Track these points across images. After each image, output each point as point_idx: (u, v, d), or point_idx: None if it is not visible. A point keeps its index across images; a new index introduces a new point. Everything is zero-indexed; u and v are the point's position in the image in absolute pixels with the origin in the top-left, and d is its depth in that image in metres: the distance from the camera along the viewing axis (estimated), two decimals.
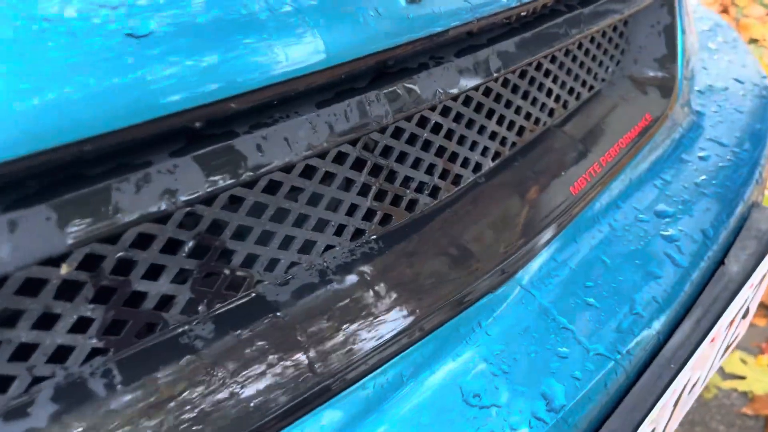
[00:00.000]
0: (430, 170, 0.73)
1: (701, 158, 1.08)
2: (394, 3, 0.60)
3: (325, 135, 0.54)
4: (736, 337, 1.06)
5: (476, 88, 0.76)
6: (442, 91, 0.65)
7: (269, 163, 0.52)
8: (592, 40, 0.99)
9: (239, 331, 0.54)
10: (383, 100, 0.59)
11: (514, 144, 0.85)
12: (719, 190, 1.01)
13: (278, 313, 0.57)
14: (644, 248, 0.85)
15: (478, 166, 0.79)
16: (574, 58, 0.95)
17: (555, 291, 0.75)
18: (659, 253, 0.85)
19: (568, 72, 0.94)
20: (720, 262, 0.92)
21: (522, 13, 0.75)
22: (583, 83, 0.99)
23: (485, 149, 0.80)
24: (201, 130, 0.48)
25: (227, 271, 0.55)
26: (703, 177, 1.03)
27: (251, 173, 0.50)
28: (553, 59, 0.90)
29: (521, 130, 0.86)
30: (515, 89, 0.84)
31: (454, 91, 0.67)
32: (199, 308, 0.53)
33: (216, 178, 0.49)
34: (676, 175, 1.02)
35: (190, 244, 0.51)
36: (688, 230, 0.90)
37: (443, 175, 0.75)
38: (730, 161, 1.09)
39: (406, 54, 0.62)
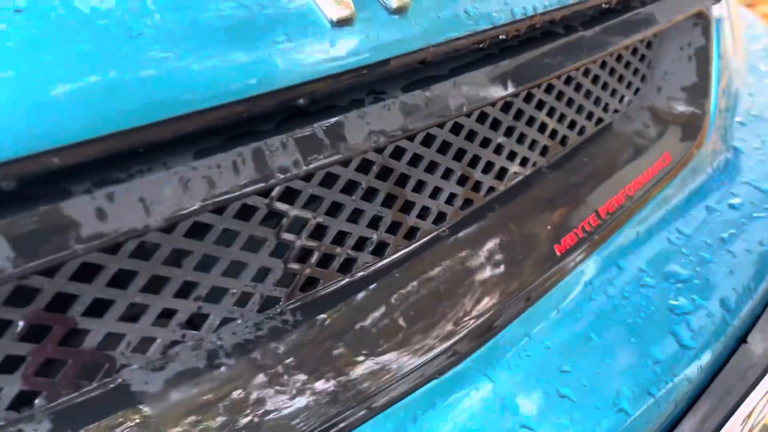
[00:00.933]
0: (374, 223, 0.61)
1: (732, 207, 0.92)
2: (317, 26, 0.48)
3: (200, 192, 0.43)
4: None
5: (440, 126, 0.63)
6: (380, 132, 0.53)
7: (121, 229, 0.40)
8: (603, 65, 0.84)
9: None
10: (291, 146, 0.47)
11: (492, 189, 0.71)
12: (750, 249, 0.85)
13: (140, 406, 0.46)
14: (644, 322, 0.70)
15: (441, 216, 0.67)
16: (578, 87, 0.81)
17: (521, 377, 0.61)
18: (663, 330, 0.70)
19: (570, 103, 0.80)
20: (741, 340, 0.76)
21: (500, 37, 0.62)
22: (589, 116, 0.84)
23: (451, 196, 0.67)
24: None
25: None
26: (732, 231, 0.87)
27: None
28: (549, 88, 0.76)
29: (502, 173, 0.72)
30: (495, 125, 0.70)
31: (397, 132, 0.54)
32: None
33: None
34: (698, 228, 0.86)
35: None
36: (704, 300, 0.75)
37: (393, 228, 0.62)
38: None
39: (331, 89, 0.50)
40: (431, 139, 0.64)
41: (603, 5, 0.75)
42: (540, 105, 0.76)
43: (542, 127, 0.77)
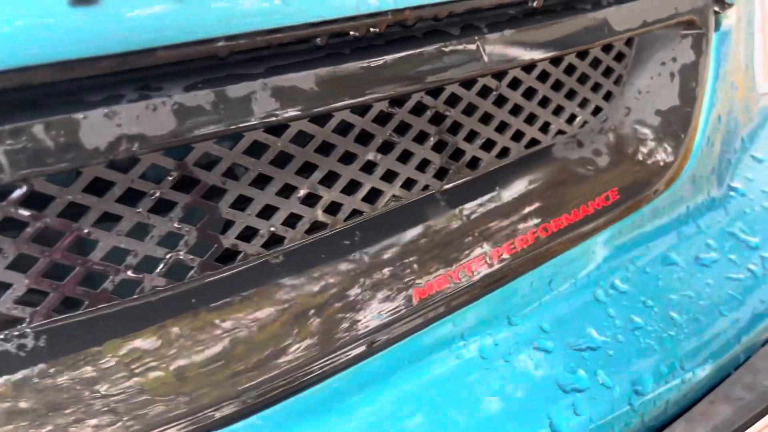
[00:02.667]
0: (174, 241, 0.52)
1: (701, 262, 0.75)
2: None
3: None
4: None
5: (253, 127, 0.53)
6: (145, 138, 0.44)
7: None
8: (543, 77, 0.70)
9: None
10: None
11: (358, 214, 0.60)
12: (704, 318, 0.69)
13: None
14: (517, 400, 0.57)
15: (277, 240, 0.57)
16: (501, 101, 0.68)
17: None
18: (537, 414, 0.57)
19: (485, 119, 0.67)
20: None
21: (342, 35, 0.50)
22: (517, 136, 0.70)
23: (293, 219, 0.57)
24: None
25: None
26: (688, 294, 0.71)
27: None
28: (452, 101, 0.64)
29: (373, 195, 0.61)
30: (366, 139, 0.59)
31: (171, 139, 0.45)
32: None
33: None
34: (642, 284, 0.70)
35: None
36: (611, 377, 0.60)
37: (204, 248, 0.53)
38: (753, 275, 0.75)
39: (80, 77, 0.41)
40: (263, 148, 0.54)
41: (529, 3, 0.61)
42: (439, 119, 0.64)
43: (440, 146, 0.65)
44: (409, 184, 0.64)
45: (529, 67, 0.69)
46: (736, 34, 0.86)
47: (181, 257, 0.52)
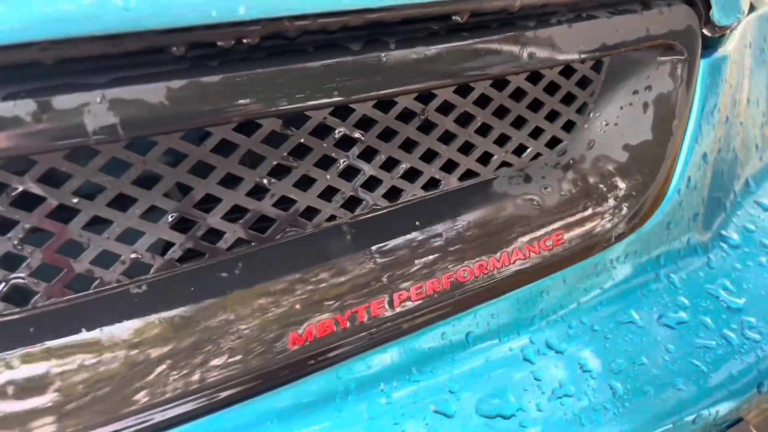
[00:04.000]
0: (13, 264, 0.47)
1: (664, 323, 0.64)
2: None
3: None
4: None
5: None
6: None
7: None
8: (483, 102, 0.62)
9: None
10: None
11: (246, 243, 0.54)
12: (661, 394, 0.58)
13: None
14: None
15: (139, 269, 0.51)
16: (428, 127, 0.60)
17: None
18: None
19: (408, 146, 0.60)
20: None
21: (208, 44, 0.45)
22: (449, 166, 0.63)
23: (166, 245, 0.52)
24: None
25: None
26: (640, 363, 0.60)
27: None
28: (364, 124, 0.57)
29: (266, 224, 0.55)
30: (258, 159, 0.53)
31: None
32: None
33: None
34: (583, 347, 0.61)
35: None
36: None
37: (51, 273, 0.48)
38: (727, 343, 0.64)
39: None
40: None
41: (452, 17, 0.54)
42: (350, 142, 0.57)
43: (350, 172, 0.58)
44: (310, 213, 0.57)
45: (464, 89, 0.62)
46: (738, 61, 0.75)
47: (22, 282, 0.48)
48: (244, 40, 0.47)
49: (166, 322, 0.51)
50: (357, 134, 0.57)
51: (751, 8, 0.86)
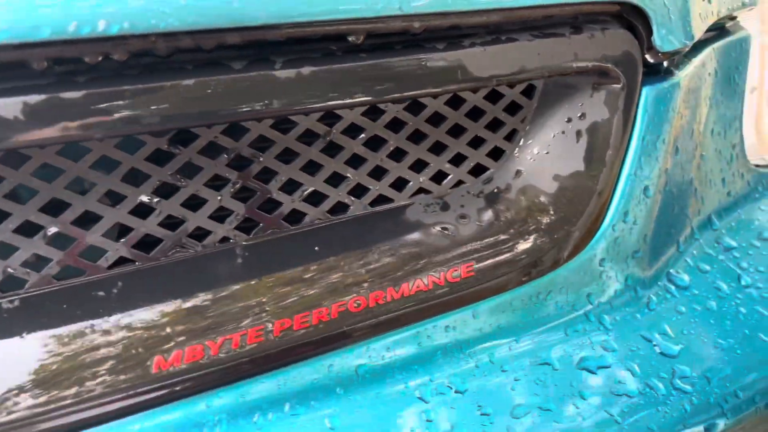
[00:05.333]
0: None
1: (586, 368, 0.60)
2: None
3: None
4: None
5: None
6: None
7: None
8: (395, 126, 0.60)
9: None
10: None
11: (130, 262, 0.53)
12: None
13: None
14: None
15: (13, 283, 0.51)
16: (332, 148, 0.58)
17: None
18: None
19: (311, 167, 0.58)
20: None
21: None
22: (358, 191, 0.60)
23: (41, 261, 0.51)
24: None
25: None
26: (549, 406, 0.56)
27: None
28: (261, 142, 0.56)
29: (153, 242, 0.54)
30: (138, 176, 0.52)
31: None
32: None
33: None
34: (487, 389, 0.57)
35: None
36: None
37: None
38: (653, 392, 0.59)
39: None
40: None
41: (349, 39, 0.52)
42: (246, 162, 0.56)
43: (244, 192, 0.56)
44: (202, 233, 0.56)
45: (374, 112, 0.60)
46: (696, 90, 0.70)
47: None
48: (112, 57, 0.46)
49: (36, 340, 0.50)
50: (252, 155, 0.56)
51: (723, 34, 0.81)
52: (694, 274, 0.70)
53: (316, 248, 0.58)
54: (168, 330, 0.51)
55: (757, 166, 0.84)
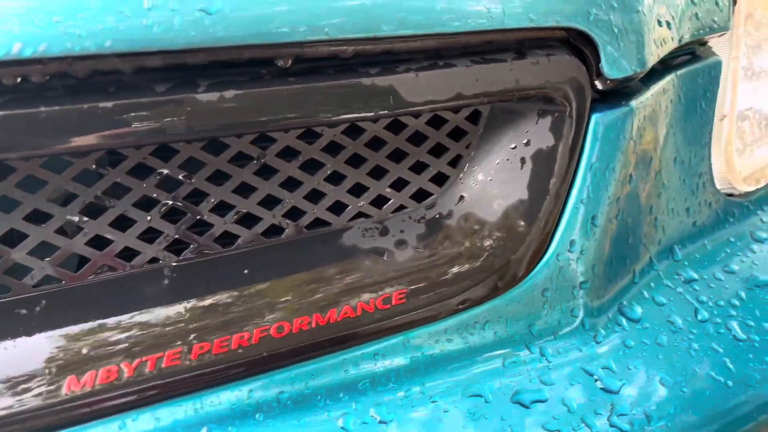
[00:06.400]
0: None
1: (519, 402, 0.58)
2: None
3: None
4: None
5: None
6: None
7: None
8: (333, 148, 0.59)
9: None
10: None
11: (56, 280, 0.54)
12: None
13: None
14: None
15: None
16: (269, 171, 0.58)
17: None
18: None
19: (246, 190, 0.58)
20: None
21: None
22: (292, 214, 0.60)
23: None
24: None
25: None
26: None
27: None
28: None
29: (82, 263, 0.54)
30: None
31: None
32: None
33: None
34: (409, 425, 0.56)
35: None
36: None
37: None
38: (587, 430, 0.57)
39: None
40: None
41: (277, 63, 0.52)
42: (176, 183, 0.56)
43: (175, 213, 0.56)
44: (130, 253, 0.56)
45: (311, 135, 0.60)
46: (654, 117, 0.68)
47: None
48: (32, 79, 0.47)
49: None
50: (182, 175, 0.56)
51: (693, 60, 0.79)
52: (649, 307, 0.68)
53: (245, 271, 0.57)
54: (84, 350, 0.51)
55: (729, 195, 0.81)
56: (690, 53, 0.81)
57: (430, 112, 0.60)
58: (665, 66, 0.75)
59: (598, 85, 0.64)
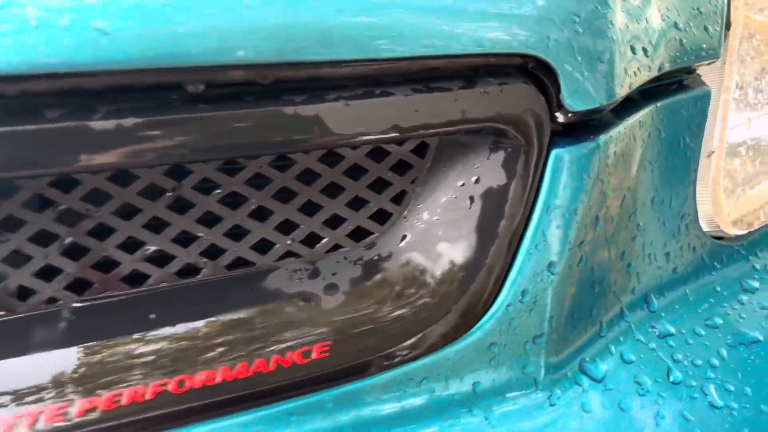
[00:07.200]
0: None
1: None
2: None
3: None
4: None
5: None
6: None
7: None
8: (258, 182, 0.54)
9: None
10: None
11: None
12: None
13: None
14: None
15: None
16: (185, 204, 0.53)
17: None
18: None
19: (158, 226, 0.52)
20: None
21: None
22: (211, 252, 0.54)
23: None
24: None
25: None
26: None
27: None
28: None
29: None
30: None
31: None
32: None
33: None
34: None
35: None
36: None
37: None
38: None
39: None
40: None
41: (188, 88, 0.47)
42: (77, 216, 0.51)
43: (78, 249, 0.51)
44: (25, 293, 0.51)
45: (232, 165, 0.54)
46: (627, 154, 0.62)
47: None
48: None
49: None
50: (86, 209, 0.51)
51: (678, 90, 0.73)
52: (615, 364, 0.61)
53: (152, 316, 0.52)
54: None
55: (717, 238, 0.74)
56: (677, 82, 0.74)
57: (363, 145, 0.54)
58: (645, 96, 0.69)
59: (559, 117, 0.57)
